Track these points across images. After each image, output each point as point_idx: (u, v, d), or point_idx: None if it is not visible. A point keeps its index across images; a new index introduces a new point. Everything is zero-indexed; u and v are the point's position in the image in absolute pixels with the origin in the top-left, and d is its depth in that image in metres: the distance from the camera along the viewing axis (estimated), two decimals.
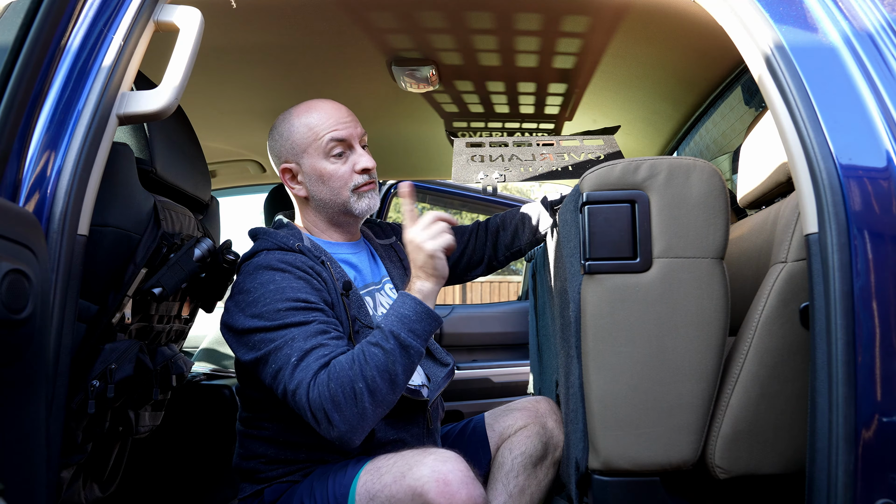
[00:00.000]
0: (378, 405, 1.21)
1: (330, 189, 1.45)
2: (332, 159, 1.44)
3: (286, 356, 1.24)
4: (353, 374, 1.20)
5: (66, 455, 1.35)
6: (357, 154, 1.46)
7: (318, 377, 1.21)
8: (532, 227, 1.69)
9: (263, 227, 1.49)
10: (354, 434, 1.20)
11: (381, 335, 1.23)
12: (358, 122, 1.49)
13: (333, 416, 1.19)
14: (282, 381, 1.24)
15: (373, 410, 1.20)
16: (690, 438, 1.19)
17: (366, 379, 1.19)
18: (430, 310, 1.28)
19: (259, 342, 1.27)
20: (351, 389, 1.19)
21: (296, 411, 1.24)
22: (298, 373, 1.22)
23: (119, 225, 1.30)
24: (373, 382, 1.19)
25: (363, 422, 1.20)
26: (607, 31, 1.62)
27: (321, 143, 1.43)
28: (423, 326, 1.26)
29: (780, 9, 1.12)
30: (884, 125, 1.03)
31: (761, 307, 1.17)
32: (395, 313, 1.26)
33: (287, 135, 1.48)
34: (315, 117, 1.46)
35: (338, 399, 1.19)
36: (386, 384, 1.20)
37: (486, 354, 3.10)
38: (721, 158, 2.08)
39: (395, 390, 1.22)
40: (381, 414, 1.23)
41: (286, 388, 1.23)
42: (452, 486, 1.13)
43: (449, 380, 1.53)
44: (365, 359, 1.21)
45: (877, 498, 0.96)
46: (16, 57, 0.86)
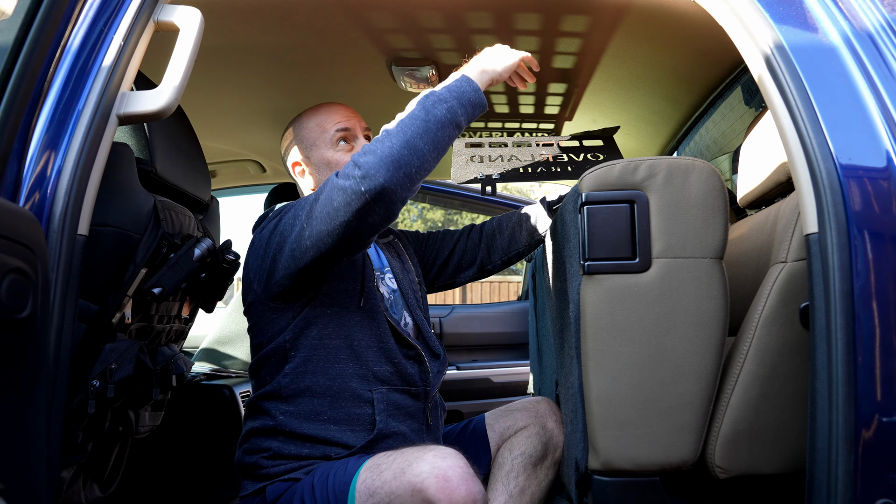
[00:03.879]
0: (406, 146, 1.18)
1: None
2: (338, 149, 1.55)
3: (310, 198, 1.27)
4: (382, 131, 1.22)
5: (66, 455, 1.35)
6: (360, 143, 1.57)
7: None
8: (530, 229, 1.70)
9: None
10: (379, 169, 1.15)
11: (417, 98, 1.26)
12: (361, 118, 1.62)
13: (360, 160, 1.17)
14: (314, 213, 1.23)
15: (399, 148, 1.17)
16: (690, 438, 1.19)
17: (394, 126, 1.21)
18: (472, 80, 1.29)
19: (283, 226, 1.33)
20: (377, 139, 1.20)
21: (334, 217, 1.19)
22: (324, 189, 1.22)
23: (119, 225, 1.30)
24: (401, 125, 1.21)
25: (391, 155, 1.17)
26: (607, 31, 1.62)
27: (328, 134, 1.56)
28: (461, 89, 1.27)
29: (780, 9, 1.12)
30: (884, 125, 1.03)
31: (761, 307, 1.17)
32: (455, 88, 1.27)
33: (298, 133, 1.60)
34: (322, 114, 1.59)
35: (365, 148, 1.20)
36: (414, 127, 1.20)
37: (486, 354, 3.10)
38: (721, 158, 2.08)
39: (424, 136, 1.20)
40: (410, 158, 1.18)
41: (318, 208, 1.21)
42: (452, 483, 1.14)
43: (443, 374, 1.54)
44: (398, 120, 1.23)
45: (877, 498, 0.96)
46: (16, 57, 0.86)
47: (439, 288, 1.83)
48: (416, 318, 1.57)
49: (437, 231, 1.82)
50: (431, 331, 1.61)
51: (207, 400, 2.20)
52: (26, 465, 0.84)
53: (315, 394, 1.38)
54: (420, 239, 1.78)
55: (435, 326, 3.03)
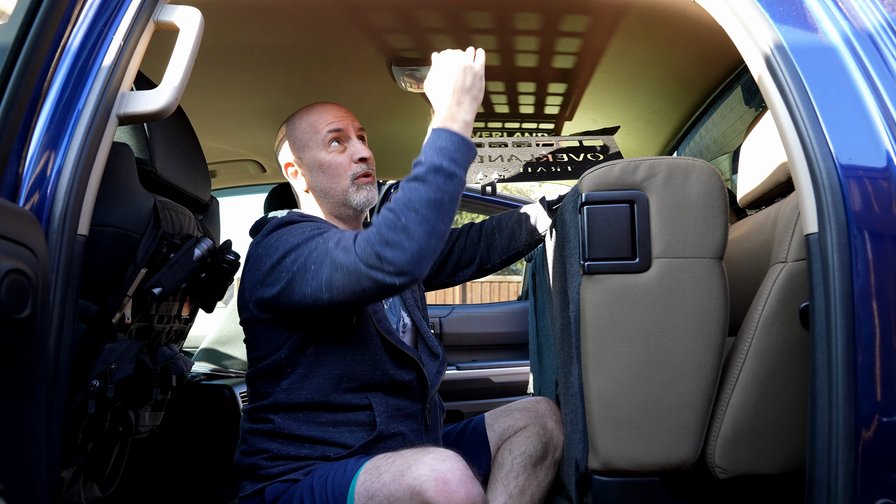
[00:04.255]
0: (431, 235, 1.17)
1: (329, 178, 1.51)
2: (330, 150, 1.52)
3: (324, 250, 1.24)
4: (397, 212, 1.18)
5: (66, 455, 1.35)
6: (354, 145, 1.53)
7: (361, 234, 1.21)
8: (529, 228, 1.70)
9: (267, 216, 1.52)
10: (413, 266, 1.16)
11: (419, 170, 1.21)
12: (354, 118, 1.58)
13: (386, 254, 1.16)
14: (323, 272, 1.22)
15: (426, 239, 1.17)
16: (690, 438, 1.19)
17: (412, 211, 1.17)
18: (467, 139, 1.25)
19: (291, 262, 1.28)
20: (396, 226, 1.16)
21: (346, 291, 1.20)
22: (339, 249, 1.21)
23: (119, 225, 1.30)
24: (419, 213, 1.17)
25: (421, 250, 1.16)
26: (607, 31, 1.62)
27: (320, 135, 1.53)
28: (463, 156, 1.23)
29: (780, 9, 1.12)
30: (884, 125, 1.03)
31: (761, 307, 1.17)
32: (431, 147, 1.23)
33: (290, 134, 1.57)
34: (314, 114, 1.56)
35: (386, 237, 1.16)
36: (433, 213, 1.18)
37: (486, 354, 3.10)
38: (721, 158, 2.08)
39: (443, 219, 1.19)
40: (435, 244, 1.18)
41: (330, 271, 1.21)
42: (451, 485, 1.13)
43: (442, 374, 1.54)
44: (408, 195, 1.18)
45: (877, 498, 0.96)
46: (16, 57, 0.86)
47: (438, 286, 1.83)
48: (414, 319, 1.57)
49: None
50: (430, 331, 1.60)
51: (207, 400, 2.20)
52: (26, 465, 0.84)
53: (312, 407, 1.38)
54: None
55: (435, 326, 3.03)
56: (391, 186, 3.20)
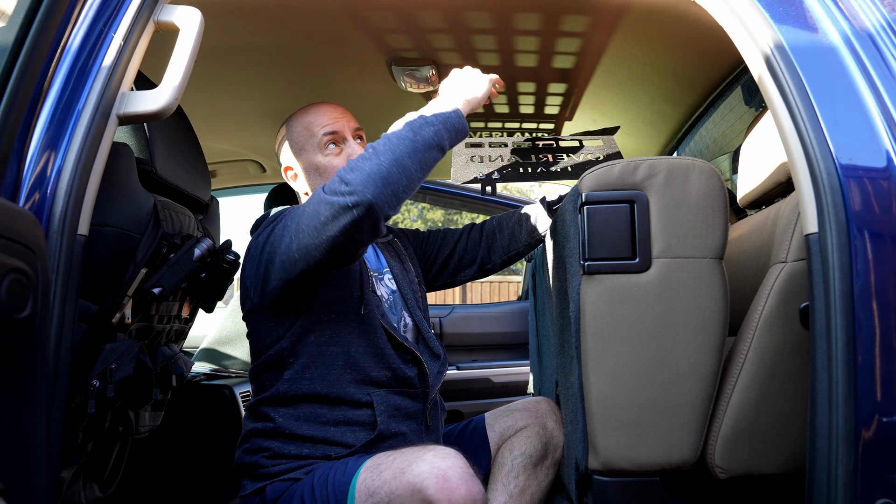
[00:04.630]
0: (394, 164, 1.19)
1: (326, 180, 1.48)
2: (326, 153, 1.52)
3: (299, 209, 1.27)
4: (368, 147, 1.22)
5: (66, 455, 1.35)
6: (350, 146, 1.53)
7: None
8: (529, 228, 1.70)
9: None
10: (367, 185, 1.16)
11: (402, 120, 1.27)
12: (351, 118, 1.57)
13: (347, 176, 1.18)
14: (294, 220, 1.25)
15: (388, 166, 1.19)
16: (690, 438, 1.19)
17: (381, 144, 1.22)
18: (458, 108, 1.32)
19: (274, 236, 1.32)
20: (365, 155, 1.20)
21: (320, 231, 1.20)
22: (311, 199, 1.24)
23: (119, 225, 1.30)
24: (388, 143, 1.22)
25: (379, 173, 1.18)
26: (607, 31, 1.62)
27: (316, 138, 1.52)
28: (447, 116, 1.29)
29: (780, 9, 1.12)
30: (884, 125, 1.03)
31: (761, 307, 1.17)
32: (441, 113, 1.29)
33: (288, 136, 1.57)
34: (310, 116, 1.55)
35: (352, 164, 1.20)
36: (402, 147, 1.21)
37: (486, 354, 3.10)
38: (721, 158, 2.08)
39: (412, 156, 1.22)
40: (398, 177, 1.19)
41: (300, 215, 1.24)
42: (451, 483, 1.14)
43: (443, 374, 1.54)
44: (383, 135, 1.24)
45: (877, 498, 0.96)
46: (16, 57, 0.86)
47: (439, 287, 1.83)
48: (415, 319, 1.57)
49: (437, 230, 1.81)
50: (431, 331, 1.61)
51: (207, 400, 2.20)
52: (26, 465, 0.84)
53: (314, 399, 1.38)
54: (420, 238, 1.78)
55: (435, 326, 3.03)
56: None
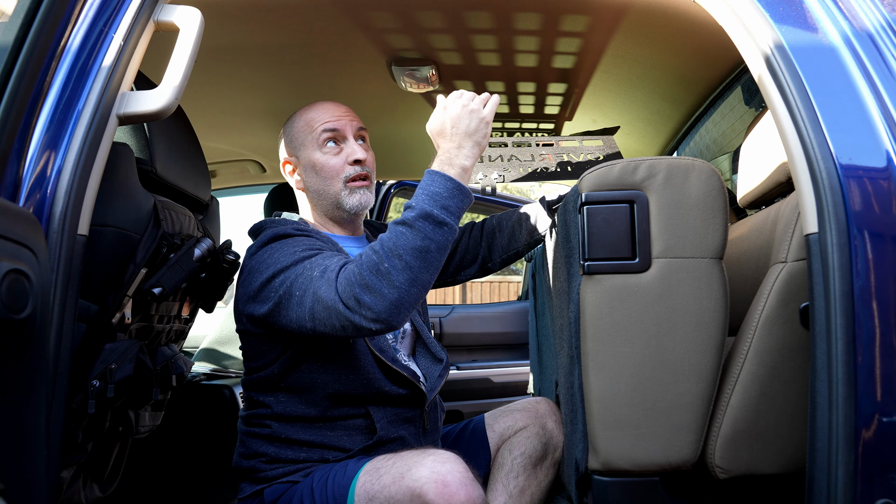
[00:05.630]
0: (413, 283, 1.15)
1: (322, 179, 1.49)
2: (325, 150, 1.49)
3: (308, 277, 1.22)
4: (381, 255, 1.15)
5: (66, 455, 1.35)
6: (350, 146, 1.50)
7: (344, 270, 1.18)
8: (529, 228, 1.69)
9: (268, 218, 1.51)
10: (391, 314, 1.14)
11: (409, 214, 1.18)
12: (356, 118, 1.53)
13: (364, 298, 1.14)
14: (309, 296, 1.21)
15: (407, 288, 1.15)
16: (690, 438, 1.19)
17: (396, 257, 1.14)
18: (462, 186, 1.21)
19: (279, 284, 1.27)
20: (378, 270, 1.14)
21: (326, 324, 1.19)
22: (323, 281, 1.20)
23: (119, 225, 1.30)
24: (402, 260, 1.15)
25: (399, 299, 1.14)
26: (607, 32, 1.62)
27: (315, 134, 1.49)
28: (456, 203, 1.20)
29: (780, 9, 1.12)
30: (884, 125, 1.03)
31: (761, 307, 1.17)
32: (424, 192, 1.20)
33: (289, 131, 1.55)
34: (313, 112, 1.53)
35: (366, 281, 1.14)
36: (418, 261, 1.15)
37: (486, 354, 3.10)
38: (721, 158, 2.08)
39: (429, 268, 1.17)
40: (417, 294, 1.16)
41: (317, 297, 1.19)
42: (451, 488, 1.13)
43: (444, 378, 1.53)
44: (393, 240, 1.16)
45: (877, 498, 0.96)
46: (16, 57, 0.86)
47: (440, 285, 1.83)
48: (414, 324, 1.56)
49: None
50: (431, 334, 1.60)
51: (207, 400, 2.20)
52: (26, 465, 0.84)
53: (308, 419, 1.37)
54: None
55: (435, 326, 3.03)
56: (391, 187, 3.20)
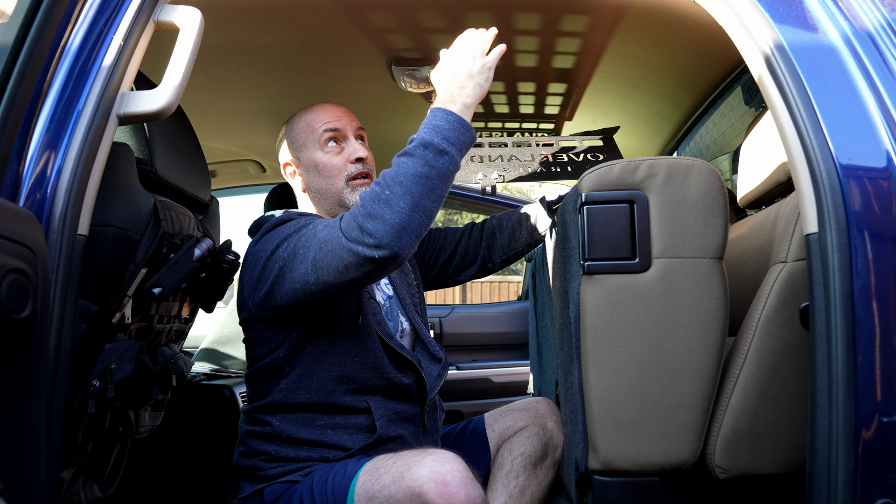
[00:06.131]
0: (415, 209, 1.15)
1: (324, 178, 1.51)
2: (327, 150, 1.51)
3: (311, 235, 1.24)
4: (382, 185, 1.15)
5: (66, 455, 1.35)
6: (351, 145, 1.52)
7: (347, 215, 1.19)
8: (529, 228, 1.69)
9: (267, 214, 1.52)
10: (394, 238, 1.14)
11: (411, 145, 1.19)
12: (354, 118, 1.57)
13: (367, 226, 1.14)
14: (309, 254, 1.22)
15: (409, 212, 1.14)
16: (690, 438, 1.19)
17: (397, 184, 1.15)
18: (464, 120, 1.22)
19: (282, 252, 1.28)
20: (379, 198, 1.15)
21: (329, 269, 1.19)
22: (326, 230, 1.21)
23: (119, 225, 1.30)
24: (403, 186, 1.15)
25: (402, 223, 1.14)
26: (607, 32, 1.62)
27: (317, 134, 1.52)
28: (458, 136, 1.20)
29: (780, 9, 1.12)
30: (884, 125, 1.03)
31: (761, 307, 1.17)
32: (426, 125, 1.21)
33: (290, 133, 1.57)
34: (313, 114, 1.55)
35: (368, 209, 1.15)
36: (419, 187, 1.15)
37: (486, 354, 3.10)
38: (721, 158, 2.08)
39: (430, 195, 1.17)
40: (419, 221, 1.15)
41: (315, 251, 1.20)
42: (451, 487, 1.13)
43: (444, 377, 1.53)
44: (395, 169, 1.17)
45: (877, 498, 0.96)
46: (16, 57, 0.86)
47: (440, 286, 1.83)
48: (413, 324, 1.56)
49: (437, 229, 1.80)
50: (430, 334, 1.60)
51: (207, 400, 2.20)
52: (26, 465, 0.84)
53: (310, 408, 1.38)
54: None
55: (435, 326, 3.03)
56: None
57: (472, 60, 1.28)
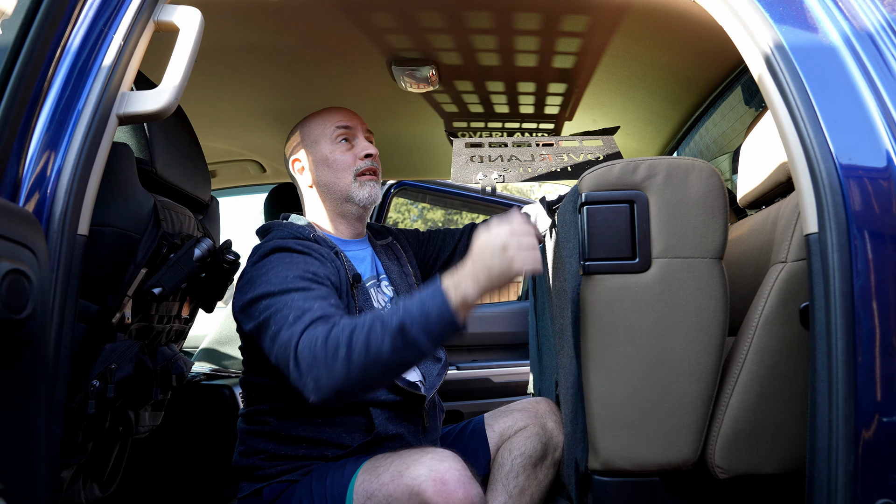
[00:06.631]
0: (361, 382, 1.14)
1: (334, 173, 1.54)
2: (337, 146, 1.55)
3: (284, 316, 1.22)
4: (350, 340, 1.13)
5: (66, 455, 1.35)
6: (361, 143, 1.57)
7: (312, 329, 1.17)
8: None
9: (276, 221, 1.52)
10: (328, 396, 1.14)
11: (394, 319, 1.12)
12: (363, 121, 1.63)
13: (312, 370, 1.14)
14: (278, 338, 1.21)
15: (354, 382, 1.13)
16: (690, 438, 1.19)
17: (360, 352, 1.11)
18: (456, 319, 1.11)
19: (263, 308, 1.27)
20: (336, 351, 1.12)
21: (283, 371, 1.20)
22: (296, 325, 1.19)
23: (119, 225, 1.30)
24: (363, 356, 1.11)
25: (342, 388, 1.13)
26: (607, 31, 1.62)
27: (329, 131, 1.57)
28: (441, 331, 1.11)
29: (780, 9, 1.12)
30: (884, 125, 1.03)
31: (761, 307, 1.17)
32: (423, 300, 1.12)
33: (302, 132, 1.61)
34: (326, 113, 1.61)
35: (320, 357, 1.13)
36: (377, 367, 1.12)
37: (486, 354, 3.09)
38: (721, 158, 2.08)
39: (384, 376, 1.16)
40: (361, 390, 1.16)
41: (280, 341, 1.20)
42: (449, 486, 1.13)
43: (443, 377, 1.54)
44: (367, 332, 1.12)
45: (877, 498, 0.96)
46: (16, 57, 0.86)
47: None
48: None
49: (437, 230, 1.81)
50: None
51: (207, 400, 2.20)
52: (26, 465, 0.84)
53: (308, 407, 1.36)
54: (421, 239, 1.78)
55: None
56: (391, 187, 3.20)
57: (502, 254, 1.11)
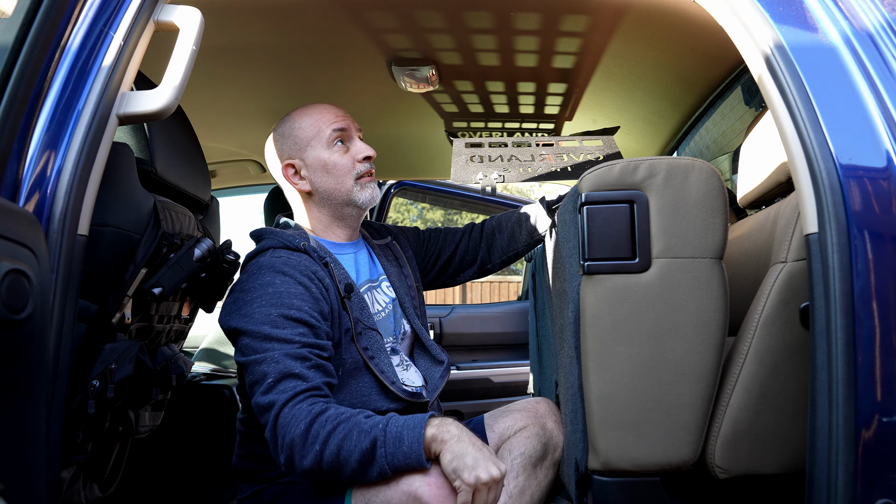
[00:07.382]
0: (325, 475, 1.19)
1: (334, 178, 1.50)
2: (334, 150, 1.51)
3: (262, 373, 1.25)
4: (325, 433, 1.17)
5: (66, 455, 1.35)
6: (357, 144, 1.53)
7: (297, 406, 1.20)
8: (529, 229, 1.69)
9: (268, 227, 1.51)
10: (288, 467, 1.21)
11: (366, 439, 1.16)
12: (352, 118, 1.57)
13: (287, 449, 1.19)
14: (255, 393, 1.25)
15: (316, 471, 1.19)
16: (690, 438, 1.19)
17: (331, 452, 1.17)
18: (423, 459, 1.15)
19: (244, 347, 1.30)
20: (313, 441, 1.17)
21: (260, 420, 1.25)
22: (273, 394, 1.22)
23: (119, 225, 1.30)
24: (330, 457, 1.17)
25: (309, 471, 1.19)
26: (607, 32, 1.62)
27: (324, 134, 1.51)
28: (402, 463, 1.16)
29: (780, 9, 1.12)
30: (884, 125, 1.03)
31: (761, 307, 1.17)
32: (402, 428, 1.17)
33: (290, 133, 1.54)
34: (316, 114, 1.54)
35: (295, 440, 1.18)
36: (337, 467, 1.17)
37: (486, 354, 3.10)
38: (721, 158, 2.08)
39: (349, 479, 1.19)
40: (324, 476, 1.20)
41: (258, 402, 1.24)
42: (446, 489, 1.13)
43: (445, 379, 1.53)
44: (342, 436, 1.17)
45: (877, 498, 0.96)
46: (16, 57, 0.86)
47: (439, 286, 1.83)
48: (414, 327, 1.56)
49: (437, 229, 1.80)
50: (430, 335, 1.60)
51: (207, 400, 2.20)
52: (26, 465, 0.84)
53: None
54: (421, 238, 1.77)
55: (435, 326, 3.03)
56: (391, 187, 3.20)
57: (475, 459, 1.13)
